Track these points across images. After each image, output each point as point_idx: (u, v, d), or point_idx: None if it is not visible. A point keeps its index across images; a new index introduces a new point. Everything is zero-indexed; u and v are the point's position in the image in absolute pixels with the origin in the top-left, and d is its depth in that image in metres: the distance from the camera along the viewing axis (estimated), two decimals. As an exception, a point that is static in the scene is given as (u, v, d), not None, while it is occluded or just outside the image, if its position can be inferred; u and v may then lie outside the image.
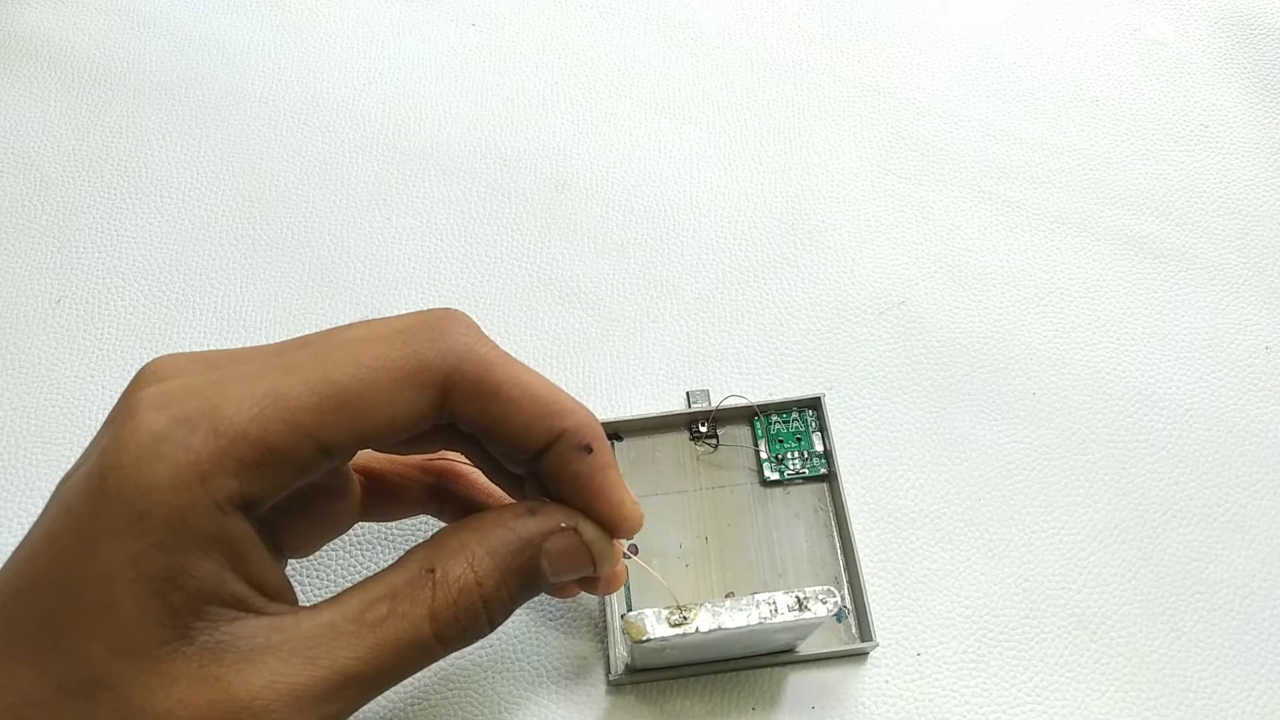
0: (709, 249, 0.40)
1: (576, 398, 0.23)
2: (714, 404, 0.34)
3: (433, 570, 0.22)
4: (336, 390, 0.20)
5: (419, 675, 0.31)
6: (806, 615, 0.25)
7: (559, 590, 0.27)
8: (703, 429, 0.34)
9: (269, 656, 0.20)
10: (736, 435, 0.35)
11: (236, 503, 0.19)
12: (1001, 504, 0.34)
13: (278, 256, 0.40)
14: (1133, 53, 0.46)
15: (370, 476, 0.27)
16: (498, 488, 0.28)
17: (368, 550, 0.33)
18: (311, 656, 0.20)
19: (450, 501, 0.29)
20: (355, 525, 0.28)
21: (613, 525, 0.24)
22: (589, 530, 0.24)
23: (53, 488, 0.21)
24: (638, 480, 0.34)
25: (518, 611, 0.32)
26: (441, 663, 0.31)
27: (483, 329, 0.23)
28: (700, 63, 0.46)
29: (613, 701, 0.30)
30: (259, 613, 0.20)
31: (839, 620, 0.31)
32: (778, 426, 0.34)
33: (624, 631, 0.25)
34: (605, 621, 0.31)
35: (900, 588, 0.32)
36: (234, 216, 0.41)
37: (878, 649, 0.31)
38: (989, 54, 0.46)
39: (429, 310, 0.23)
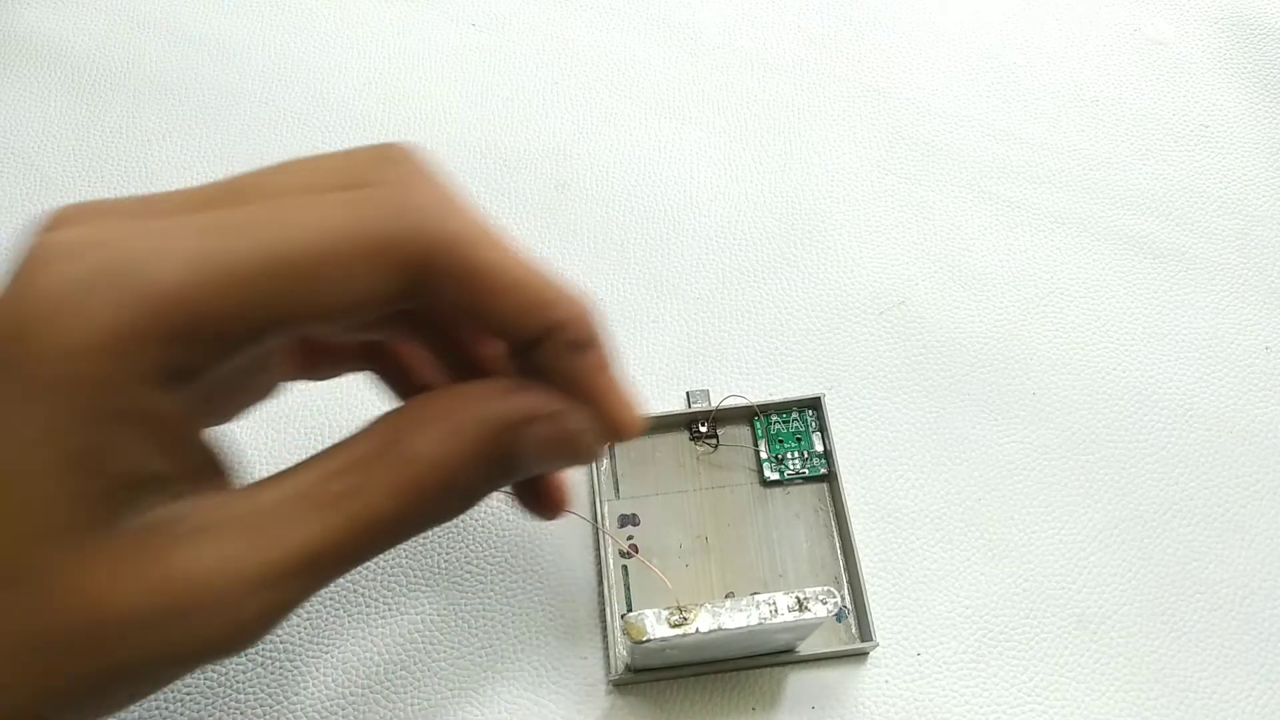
0: (709, 249, 0.40)
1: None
2: (714, 404, 0.34)
3: (397, 442, 0.19)
4: (288, 259, 0.17)
5: (418, 676, 0.31)
6: (806, 616, 0.25)
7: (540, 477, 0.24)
8: (703, 429, 0.34)
9: (216, 536, 0.17)
10: (736, 435, 0.35)
11: (167, 373, 0.17)
12: (1001, 504, 0.34)
13: (278, 256, 0.40)
14: (1133, 53, 0.46)
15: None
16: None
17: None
18: (264, 535, 0.18)
19: (389, 358, 0.25)
20: (287, 386, 0.25)
21: (608, 431, 0.21)
22: (576, 418, 0.21)
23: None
24: (638, 480, 0.34)
25: (516, 611, 0.32)
26: (441, 663, 0.31)
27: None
28: (700, 63, 0.46)
29: (613, 701, 0.30)
30: (197, 493, 0.18)
31: (839, 620, 0.31)
32: (778, 426, 0.34)
33: (624, 632, 0.25)
34: (605, 622, 0.31)
35: (900, 588, 0.32)
36: (234, 216, 0.41)
37: (878, 649, 0.31)
38: (989, 54, 0.46)
39: (389, 153, 0.20)
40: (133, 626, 0.17)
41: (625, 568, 0.32)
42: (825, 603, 0.25)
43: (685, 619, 0.25)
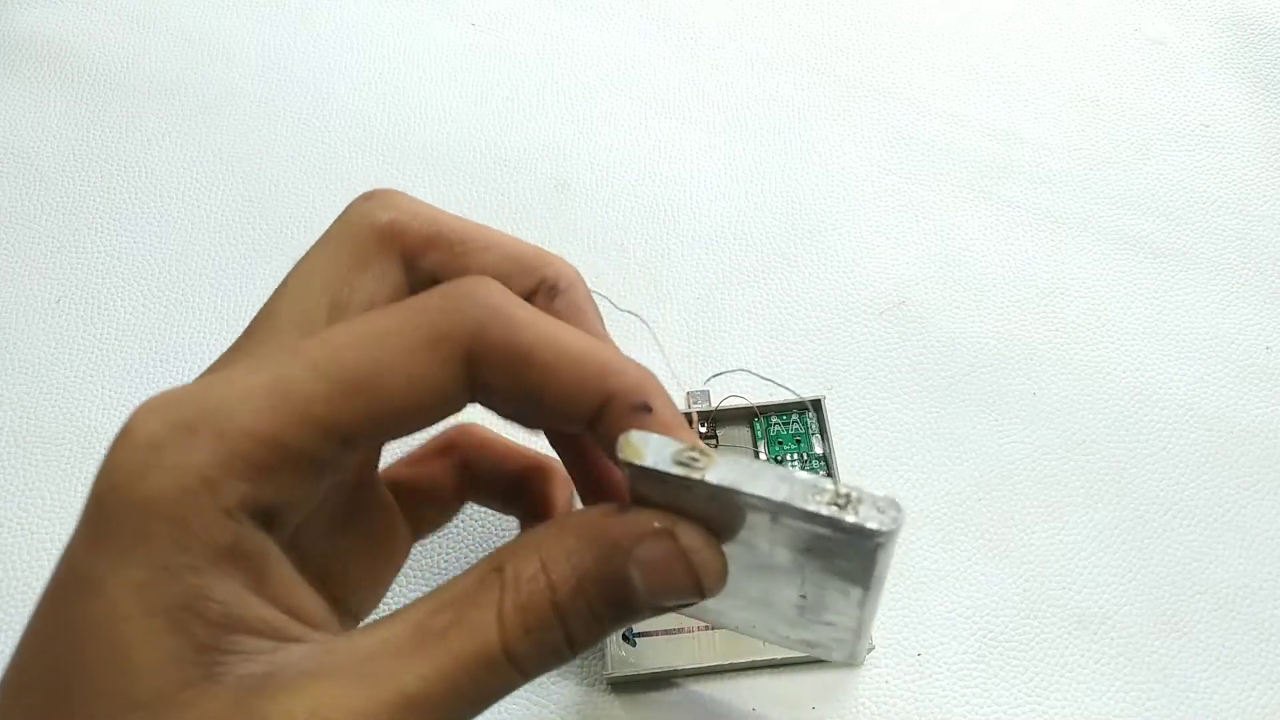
0: (709, 249, 0.40)
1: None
2: (714, 404, 0.34)
3: (501, 570, 0.18)
4: (347, 373, 0.17)
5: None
6: (847, 518, 0.18)
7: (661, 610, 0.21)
8: (702, 430, 0.34)
9: (316, 682, 0.16)
10: (736, 436, 0.34)
11: (251, 510, 0.17)
12: (1001, 504, 0.34)
13: (278, 256, 0.40)
14: (1133, 53, 0.46)
15: (394, 488, 0.24)
16: (519, 448, 0.25)
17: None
18: (366, 677, 0.17)
19: (480, 482, 0.26)
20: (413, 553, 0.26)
21: None
22: (689, 535, 0.19)
23: (52, 488, 0.20)
24: (638, 480, 0.34)
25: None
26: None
27: None
28: (700, 63, 0.46)
29: (612, 702, 0.30)
30: (298, 640, 0.17)
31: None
32: (778, 428, 0.34)
33: (620, 449, 0.19)
34: (605, 622, 0.31)
35: (900, 588, 0.32)
36: (234, 216, 0.41)
37: (878, 650, 0.31)
38: (989, 54, 0.46)
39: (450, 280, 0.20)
40: None
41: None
42: (884, 512, 0.18)
43: (696, 463, 0.18)
